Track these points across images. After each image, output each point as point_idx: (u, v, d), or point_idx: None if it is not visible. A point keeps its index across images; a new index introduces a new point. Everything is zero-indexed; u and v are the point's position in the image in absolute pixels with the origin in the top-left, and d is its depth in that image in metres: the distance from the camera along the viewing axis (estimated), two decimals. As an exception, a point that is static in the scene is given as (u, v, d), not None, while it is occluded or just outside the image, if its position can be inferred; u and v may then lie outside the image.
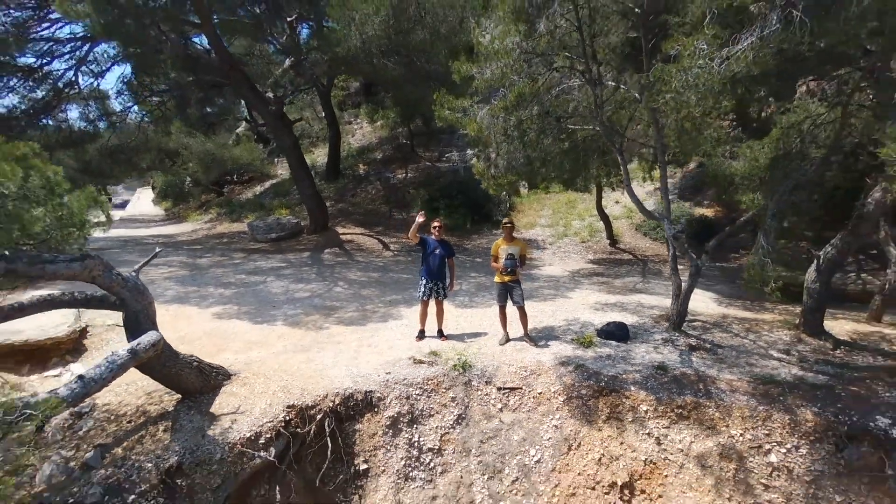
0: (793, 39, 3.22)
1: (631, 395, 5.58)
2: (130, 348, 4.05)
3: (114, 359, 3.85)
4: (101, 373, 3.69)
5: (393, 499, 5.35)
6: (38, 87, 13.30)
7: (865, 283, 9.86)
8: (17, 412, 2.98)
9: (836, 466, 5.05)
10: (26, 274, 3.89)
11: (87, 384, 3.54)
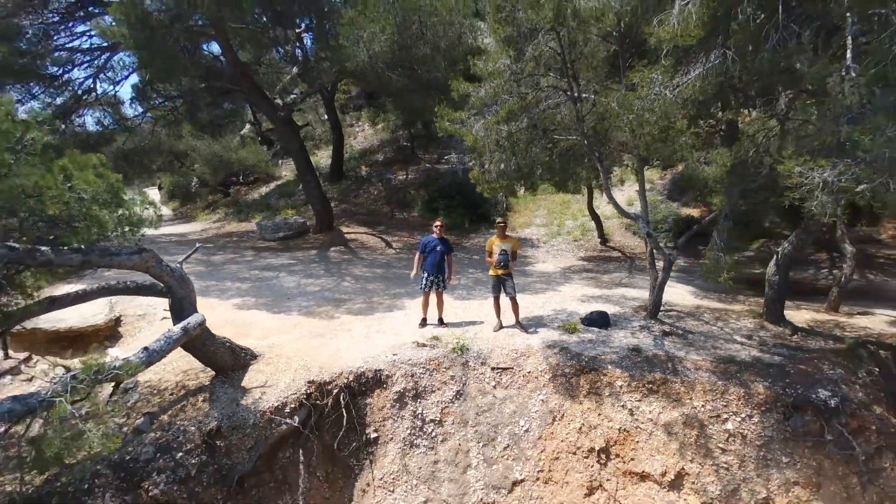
0: (729, 72, 4.01)
1: (608, 373, 6.39)
2: (182, 326, 4.85)
3: (170, 334, 4.65)
4: (161, 345, 4.49)
5: (399, 463, 6.15)
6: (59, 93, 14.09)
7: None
8: (106, 371, 3.77)
9: (783, 433, 5.86)
10: (97, 264, 4.70)
11: (151, 353, 4.34)
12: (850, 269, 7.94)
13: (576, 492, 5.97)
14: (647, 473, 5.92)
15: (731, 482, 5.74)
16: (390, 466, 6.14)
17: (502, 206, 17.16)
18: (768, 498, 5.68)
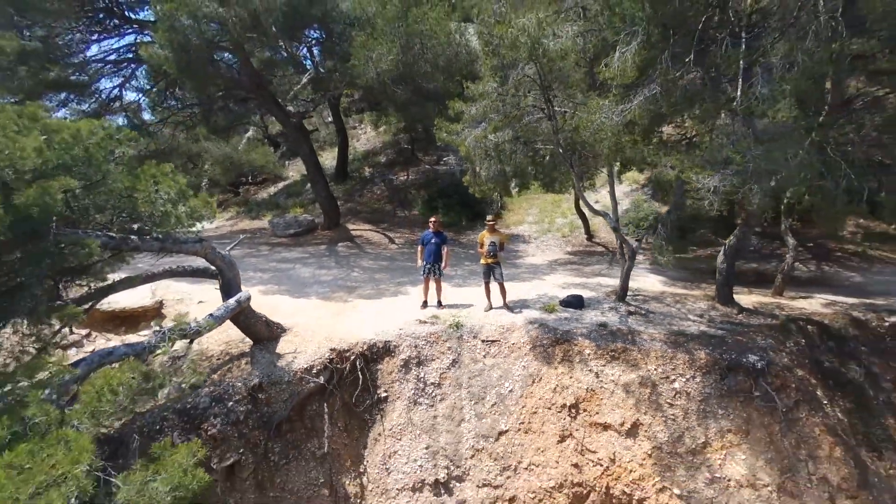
0: (659, 103, 5.30)
1: (578, 343, 7.73)
2: (236, 299, 6.19)
3: (228, 305, 5.99)
4: (222, 313, 5.83)
5: (405, 417, 7.49)
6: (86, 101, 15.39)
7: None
8: (188, 328, 5.11)
9: (719, 390, 7.20)
10: (170, 250, 6.03)
11: (216, 318, 5.68)
12: (792, 259, 9.28)
13: (550, 439, 7.31)
14: (609, 424, 7.25)
15: (676, 430, 7.08)
16: (398, 420, 7.48)
17: (497, 206, 18.48)
18: (706, 443, 7.02)
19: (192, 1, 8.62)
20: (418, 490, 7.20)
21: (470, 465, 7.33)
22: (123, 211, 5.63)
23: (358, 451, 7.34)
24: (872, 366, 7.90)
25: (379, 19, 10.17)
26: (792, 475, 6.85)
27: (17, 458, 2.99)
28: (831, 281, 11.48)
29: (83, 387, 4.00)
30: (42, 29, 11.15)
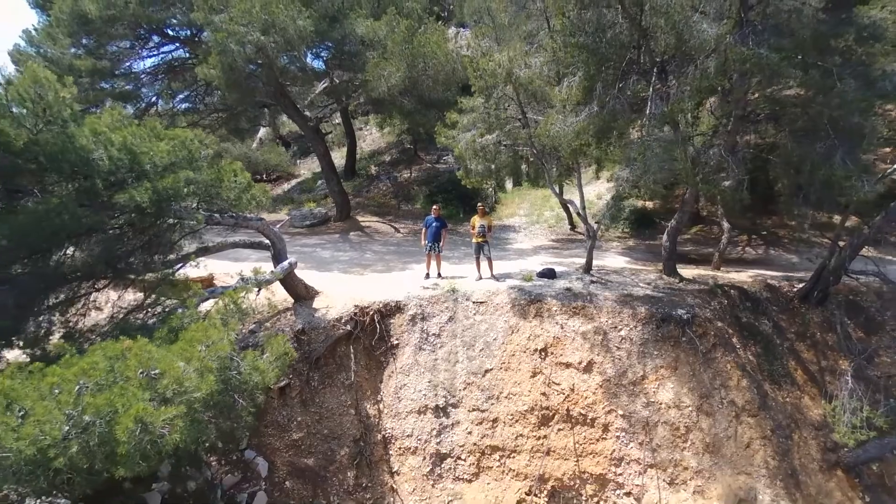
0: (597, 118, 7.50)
1: (548, 303, 9.95)
2: (289, 262, 8.43)
3: (283, 266, 8.23)
4: (281, 270, 8.07)
5: (413, 359, 9.72)
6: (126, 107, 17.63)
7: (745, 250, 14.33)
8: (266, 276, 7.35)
9: (655, 336, 9.42)
10: (242, 225, 8.28)
11: (281, 271, 7.93)
12: (727, 240, 11.51)
13: (524, 375, 9.54)
14: (570, 363, 9.47)
15: (621, 367, 9.30)
16: (406, 361, 9.71)
17: (492, 200, 20.72)
18: (644, 376, 9.25)
19: (239, 31, 10.84)
20: (423, 413, 9.44)
21: (463, 395, 9.56)
22: (212, 195, 7.87)
23: (376, 383, 9.58)
24: (780, 321, 10.13)
25: (389, 42, 12.41)
26: (707, 399, 9.08)
27: (193, 333, 5.23)
28: (772, 261, 13.70)
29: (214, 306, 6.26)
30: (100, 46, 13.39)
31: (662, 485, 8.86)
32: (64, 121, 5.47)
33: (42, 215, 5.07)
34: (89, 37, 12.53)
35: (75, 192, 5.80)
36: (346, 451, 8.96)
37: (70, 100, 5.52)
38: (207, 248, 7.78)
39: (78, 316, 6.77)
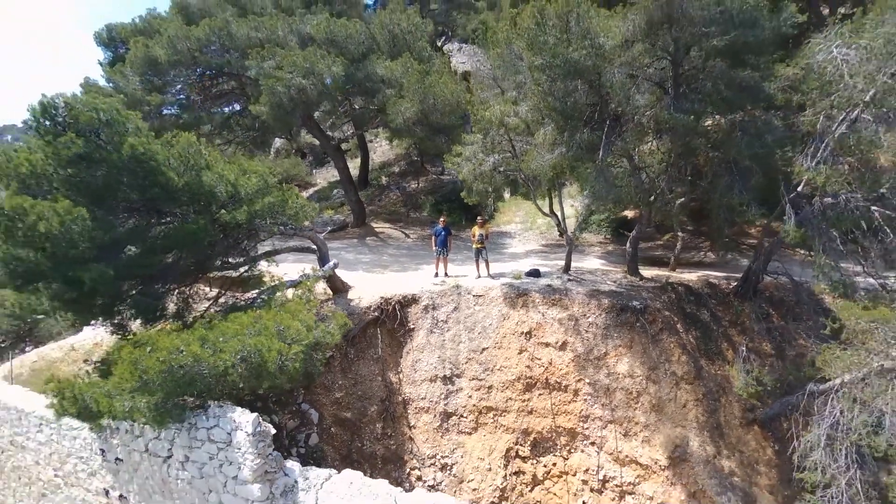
0: (565, 156, 10.27)
1: (532, 296, 12.78)
2: (334, 263, 11.29)
3: (329, 265, 11.08)
4: (328, 269, 10.92)
5: (425, 340, 12.54)
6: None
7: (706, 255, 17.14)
8: (322, 271, 10.23)
9: (616, 322, 12.23)
10: (298, 234, 11.16)
11: (329, 268, 10.78)
12: (680, 246, 14.33)
13: (513, 352, 12.36)
14: (549, 343, 12.29)
15: (588, 346, 12.12)
16: (420, 341, 12.54)
17: (491, 209, 23.58)
18: (606, 353, 12.06)
19: (285, 77, 13.70)
20: (433, 381, 12.28)
21: (465, 368, 12.39)
22: (278, 212, 10.73)
23: (397, 358, 12.43)
24: (717, 311, 12.94)
25: (404, 81, 15.28)
26: (655, 371, 11.89)
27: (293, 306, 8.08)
28: (726, 264, 16.48)
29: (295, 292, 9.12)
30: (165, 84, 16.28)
31: (619, 436, 11.68)
32: (199, 168, 8.34)
33: (193, 230, 7.93)
34: (156, 76, 15.41)
35: (201, 214, 8.66)
36: (375, 408, 11.81)
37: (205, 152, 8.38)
38: (277, 251, 10.62)
39: (194, 300, 9.63)
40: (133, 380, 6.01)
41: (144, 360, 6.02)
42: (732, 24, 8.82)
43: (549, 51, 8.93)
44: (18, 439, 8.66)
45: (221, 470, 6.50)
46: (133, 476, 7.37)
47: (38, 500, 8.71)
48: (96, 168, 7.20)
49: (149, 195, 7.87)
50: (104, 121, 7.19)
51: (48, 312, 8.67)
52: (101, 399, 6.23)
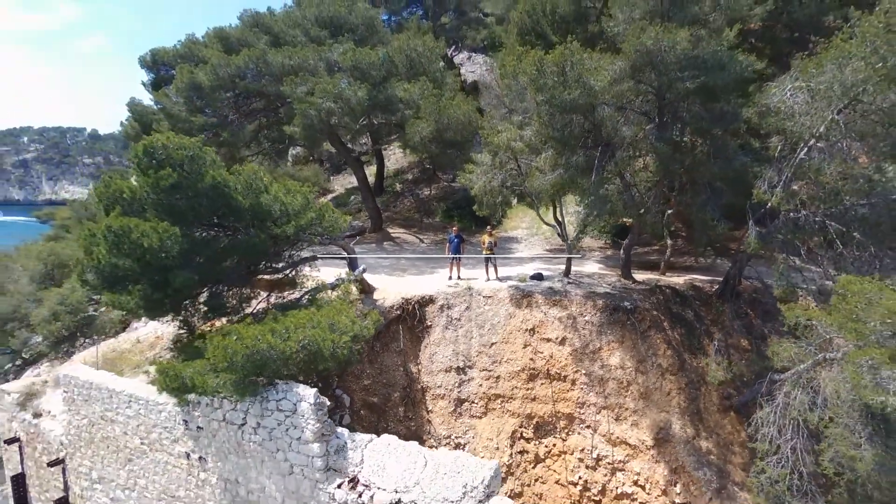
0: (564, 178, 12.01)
1: (535, 297, 14.57)
2: (363, 267, 13.15)
3: (360, 269, 12.95)
4: (358, 273, 12.78)
5: (441, 335, 14.37)
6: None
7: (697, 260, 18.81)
8: (354, 275, 12.11)
9: (609, 320, 13.98)
10: (332, 242, 13.05)
11: (357, 275, 12.64)
12: (670, 252, 16.05)
13: (518, 346, 14.15)
14: (550, 338, 14.07)
15: (585, 341, 13.89)
16: (436, 337, 14.38)
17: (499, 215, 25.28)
18: (600, 347, 13.82)
19: (317, 102, 15.58)
20: (448, 372, 14.11)
21: (476, 360, 14.21)
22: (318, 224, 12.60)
23: (416, 351, 14.28)
24: (700, 311, 14.65)
25: (421, 102, 17.13)
26: (643, 363, 13.63)
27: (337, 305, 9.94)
28: (716, 268, 18.13)
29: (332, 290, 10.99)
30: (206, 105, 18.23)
31: (611, 420, 13.44)
32: (259, 191, 10.22)
33: (255, 242, 9.81)
34: (199, 98, 17.36)
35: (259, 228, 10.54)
36: (398, 394, 13.67)
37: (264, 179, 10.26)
38: (315, 257, 12.51)
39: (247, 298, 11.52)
40: (223, 361, 7.89)
41: (232, 345, 7.89)
42: (704, 69, 10.55)
43: (549, 91, 10.73)
44: (108, 414, 10.58)
45: (287, 433, 8.36)
46: (211, 441, 9.25)
47: (124, 464, 10.63)
48: (184, 193, 9.10)
49: (220, 213, 9.77)
50: (190, 156, 9.09)
51: (132, 309, 10.55)
52: (196, 377, 8.11)
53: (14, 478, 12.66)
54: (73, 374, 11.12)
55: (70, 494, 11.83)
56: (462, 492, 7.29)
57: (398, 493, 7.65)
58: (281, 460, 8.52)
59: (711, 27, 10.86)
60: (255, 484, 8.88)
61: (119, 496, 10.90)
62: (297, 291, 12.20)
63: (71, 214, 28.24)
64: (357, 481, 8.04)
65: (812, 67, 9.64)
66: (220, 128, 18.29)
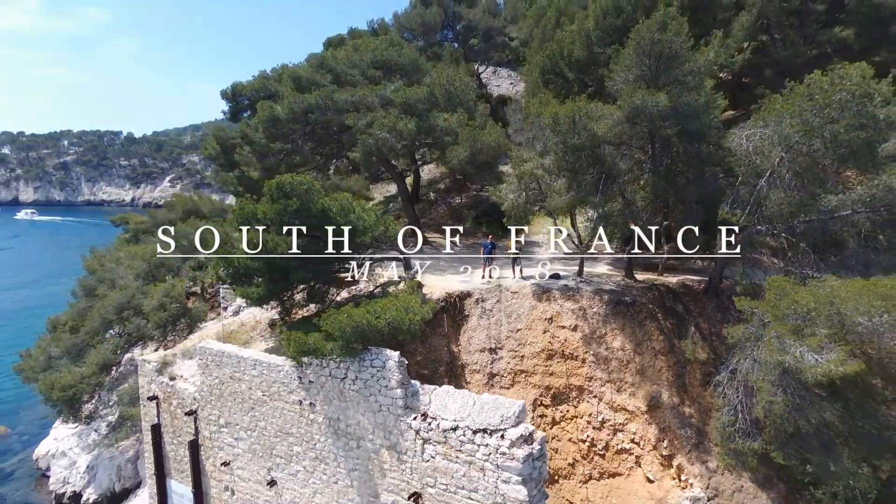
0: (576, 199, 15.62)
1: (553, 292, 18.27)
2: (417, 267, 17.04)
3: (415, 269, 16.83)
4: (414, 272, 16.67)
5: (477, 323, 18.18)
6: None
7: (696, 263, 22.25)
8: (410, 275, 16.03)
9: (613, 311, 17.60)
10: (392, 249, 17.00)
11: (415, 273, 16.52)
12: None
13: (539, 332, 17.86)
14: (565, 326, 17.76)
15: (593, 328, 17.54)
16: (473, 324, 18.20)
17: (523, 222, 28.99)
18: (605, 333, 17.46)
19: (376, 133, 19.54)
20: (483, 352, 17.91)
21: (504, 343, 17.98)
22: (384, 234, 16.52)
23: (457, 335, 18.13)
24: (689, 305, 18.13)
25: (459, 131, 20.96)
26: (639, 346, 17.21)
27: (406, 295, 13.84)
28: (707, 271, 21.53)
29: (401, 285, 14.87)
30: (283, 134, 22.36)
31: (613, 391, 17.07)
32: (349, 211, 14.16)
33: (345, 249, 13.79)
34: (276, 128, 21.50)
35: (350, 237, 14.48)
36: (443, 368, 17.53)
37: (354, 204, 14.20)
38: (382, 258, 16.45)
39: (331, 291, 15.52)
40: (338, 331, 11.81)
41: (344, 321, 11.82)
42: (682, 118, 14.13)
43: (562, 136, 14.45)
44: (236, 374, 14.66)
45: (378, 382, 12.25)
46: (319, 391, 13.21)
47: (248, 412, 14.70)
48: (301, 216, 13.09)
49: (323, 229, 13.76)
50: (305, 189, 13.07)
51: (253, 297, 14.58)
52: (318, 342, 12.06)
53: (153, 427, 16.90)
54: (206, 346, 15.26)
55: (200, 437, 15.99)
56: (500, 419, 11.07)
57: (456, 421, 11.48)
58: (373, 402, 12.43)
59: (689, 85, 14.40)
60: (352, 420, 12.83)
61: (241, 436, 15.00)
62: (370, 286, 16.06)
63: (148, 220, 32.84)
64: (427, 415, 11.90)
65: (760, 121, 13.18)
66: (292, 153, 22.46)
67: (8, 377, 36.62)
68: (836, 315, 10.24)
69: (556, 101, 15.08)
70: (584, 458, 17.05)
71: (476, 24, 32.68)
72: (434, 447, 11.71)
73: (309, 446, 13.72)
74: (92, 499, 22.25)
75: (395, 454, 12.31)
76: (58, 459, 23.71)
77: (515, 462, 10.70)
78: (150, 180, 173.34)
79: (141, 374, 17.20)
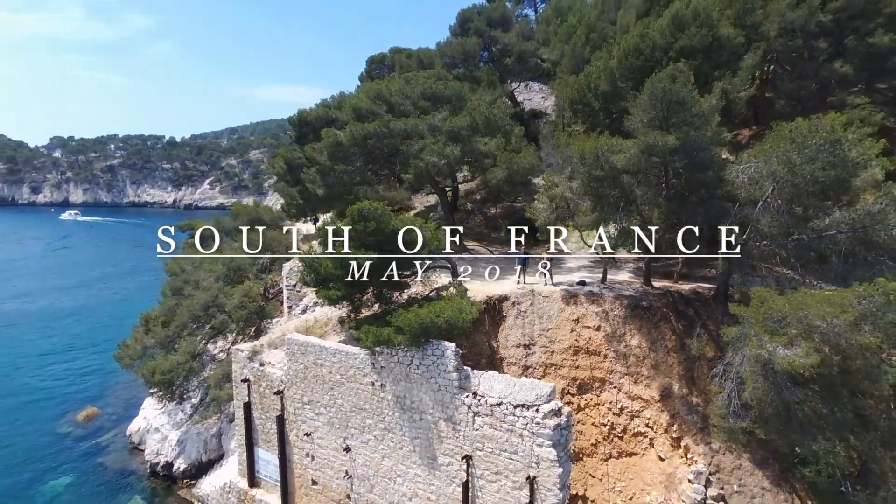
0: (599, 217, 18.73)
1: (579, 297, 21.40)
2: (461, 275, 20.41)
3: (460, 272, 20.20)
4: (463, 278, 20.04)
5: (513, 322, 21.47)
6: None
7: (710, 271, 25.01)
8: (457, 280, 19.44)
9: (632, 314, 20.61)
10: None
11: (462, 279, 19.92)
12: (681, 265, 22.40)
13: (567, 331, 21.01)
14: (589, 325, 20.86)
15: (614, 328, 20.59)
16: (510, 323, 21.48)
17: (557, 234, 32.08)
18: (625, 332, 20.50)
19: (426, 157, 23.00)
20: (518, 347, 21.18)
21: (537, 340, 21.20)
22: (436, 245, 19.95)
23: (496, 332, 21.45)
24: (699, 309, 20.96)
25: (497, 154, 24.24)
26: (654, 344, 20.18)
27: (457, 298, 17.25)
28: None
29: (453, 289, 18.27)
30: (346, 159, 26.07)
31: (631, 383, 20.10)
32: (412, 229, 17.63)
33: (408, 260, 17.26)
34: (339, 153, 25.19)
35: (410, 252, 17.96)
36: (484, 360, 20.88)
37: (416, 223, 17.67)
38: (434, 266, 19.88)
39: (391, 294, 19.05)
40: (407, 326, 15.25)
41: (412, 318, 15.26)
42: (689, 153, 17.11)
43: (587, 167, 17.59)
44: (319, 361, 18.32)
45: (438, 367, 15.66)
46: (389, 374, 16.71)
47: (328, 391, 18.33)
48: (376, 235, 16.61)
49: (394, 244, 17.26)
50: (379, 213, 16.58)
51: (332, 298, 18.16)
52: (391, 335, 15.53)
53: (245, 404, 20.75)
54: (293, 338, 18.99)
55: (285, 413, 19.74)
56: (535, 397, 14.35)
57: (500, 398, 14.80)
58: (433, 383, 15.86)
59: (695, 125, 17.35)
60: (416, 397, 16.30)
61: (321, 411, 18.67)
62: (425, 289, 19.50)
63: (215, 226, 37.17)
64: (476, 393, 15.26)
65: (752, 157, 16.10)
66: (353, 173, 26.18)
67: (93, 366, 41.75)
68: (804, 319, 13.15)
69: (583, 135, 18.19)
70: (605, 440, 20.12)
71: (511, 47, 35.86)
72: (482, 419, 15.06)
73: (379, 419, 17.27)
74: (182, 468, 26.39)
75: (450, 424, 15.72)
76: (151, 434, 28.00)
77: (547, 430, 13.96)
78: (191, 183, 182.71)
79: (234, 360, 21.09)
